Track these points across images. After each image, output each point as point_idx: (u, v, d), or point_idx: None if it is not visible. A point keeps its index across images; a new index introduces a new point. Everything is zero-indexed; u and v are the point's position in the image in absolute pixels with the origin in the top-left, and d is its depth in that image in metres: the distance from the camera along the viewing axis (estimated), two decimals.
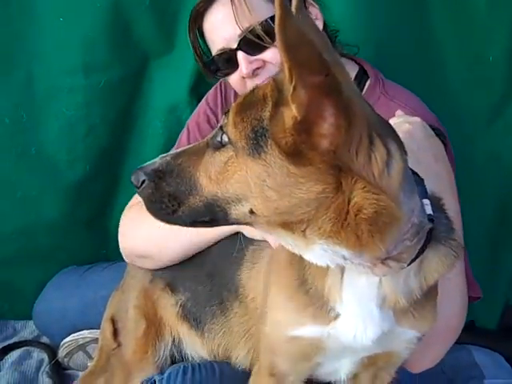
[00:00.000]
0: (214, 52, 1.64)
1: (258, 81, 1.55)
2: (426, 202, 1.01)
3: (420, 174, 1.08)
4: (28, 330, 2.29)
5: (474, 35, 2.10)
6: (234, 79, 1.65)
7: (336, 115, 0.85)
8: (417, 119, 1.30)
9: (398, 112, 1.41)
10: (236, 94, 1.79)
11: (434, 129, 1.34)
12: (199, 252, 1.56)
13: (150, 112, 2.21)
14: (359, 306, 1.07)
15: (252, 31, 1.53)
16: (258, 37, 1.52)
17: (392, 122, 1.30)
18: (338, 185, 0.89)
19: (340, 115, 0.85)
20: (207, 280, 1.54)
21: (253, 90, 0.98)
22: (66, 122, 2.13)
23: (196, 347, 1.59)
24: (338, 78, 0.83)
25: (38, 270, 2.25)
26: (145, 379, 1.52)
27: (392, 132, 0.98)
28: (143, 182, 1.02)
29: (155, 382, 1.48)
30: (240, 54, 1.57)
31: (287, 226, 0.95)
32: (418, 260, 1.01)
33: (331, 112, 0.85)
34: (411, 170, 1.04)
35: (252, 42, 1.54)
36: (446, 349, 1.42)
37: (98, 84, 2.11)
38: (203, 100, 1.92)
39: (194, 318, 1.57)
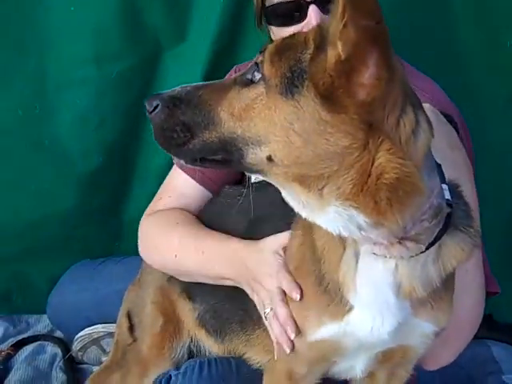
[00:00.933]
0: None
1: None
2: (445, 186, 0.99)
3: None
4: (42, 324, 2.28)
5: (491, 21, 2.06)
6: (290, 32, 1.55)
7: (379, 66, 0.83)
8: (428, 106, 1.24)
9: None
10: None
11: (445, 115, 1.29)
12: None
13: None
14: (374, 295, 1.04)
15: None
16: None
17: None
18: (365, 142, 0.86)
19: (383, 66, 0.83)
20: (226, 299, 1.50)
21: (293, 35, 0.95)
22: (79, 113, 2.11)
23: (213, 350, 1.57)
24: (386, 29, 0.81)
25: (51, 264, 2.24)
26: (161, 374, 1.50)
27: (421, 107, 0.95)
28: (156, 106, 0.97)
29: (171, 377, 1.46)
30: (313, 8, 1.47)
31: (304, 181, 0.91)
32: (436, 245, 0.98)
33: (375, 61, 0.82)
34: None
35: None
36: (464, 345, 1.39)
37: (110, 74, 2.08)
38: (228, 75, 1.82)
39: (213, 328, 1.55)
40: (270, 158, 0.91)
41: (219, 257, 1.40)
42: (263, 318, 1.30)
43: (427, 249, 0.97)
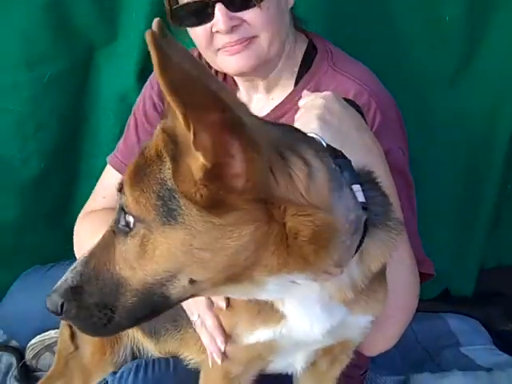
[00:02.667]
0: None
1: (229, 39, 1.47)
2: (357, 187, 0.96)
3: (347, 149, 1.02)
4: None
5: None
6: (200, 32, 1.51)
7: (244, 149, 0.77)
8: (328, 93, 1.24)
9: (305, 92, 1.35)
10: None
11: (347, 100, 1.28)
12: None
13: (101, 102, 2.15)
14: (302, 308, 1.03)
15: None
16: None
17: (303, 102, 1.26)
18: (269, 216, 0.83)
19: (248, 148, 0.78)
20: None
21: (142, 152, 0.87)
22: (14, 119, 2.07)
23: (152, 351, 1.58)
24: (234, 108, 0.75)
25: (1, 273, 2.21)
26: (102, 380, 1.50)
27: (302, 136, 0.91)
28: (62, 305, 0.91)
29: (107, 382, 1.46)
30: (219, 7, 1.44)
31: (233, 279, 0.88)
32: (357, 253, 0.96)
33: (239, 147, 0.77)
34: (336, 150, 0.98)
35: None
36: (401, 330, 1.37)
37: (43, 77, 2.04)
38: (147, 82, 1.82)
39: (148, 329, 1.54)
40: (192, 281, 0.87)
41: None
42: (192, 324, 1.29)
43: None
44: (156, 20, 0.92)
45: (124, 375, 1.43)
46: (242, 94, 1.67)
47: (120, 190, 0.89)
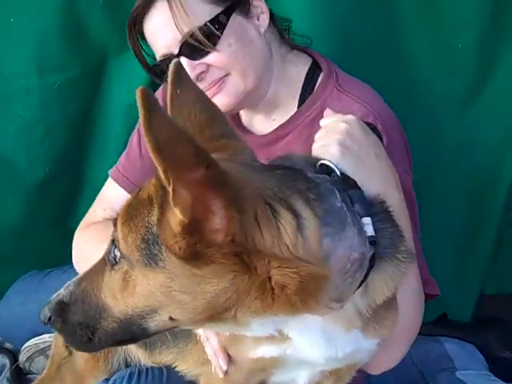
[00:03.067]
0: (158, 57, 1.58)
1: (202, 85, 1.50)
2: (367, 220, 0.96)
3: (364, 177, 1.04)
4: None
5: (441, 22, 2.03)
6: None
7: (226, 207, 0.78)
8: (351, 117, 1.24)
9: (327, 111, 1.34)
10: None
11: (368, 124, 1.28)
12: None
13: (110, 111, 2.17)
14: (305, 334, 1.03)
15: (192, 36, 1.46)
16: (199, 41, 1.46)
17: (325, 122, 1.26)
18: (250, 269, 0.83)
19: (230, 206, 0.79)
20: None
21: (137, 193, 0.90)
22: (23, 125, 2.10)
23: (144, 361, 1.58)
24: (220, 165, 0.76)
25: (2, 275, 2.23)
26: None
27: (301, 181, 0.91)
28: (50, 317, 0.99)
29: None
30: (182, 60, 1.49)
31: (216, 317, 0.89)
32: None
33: (220, 205, 0.78)
34: (350, 180, 1.00)
35: (193, 47, 1.47)
36: (405, 350, 1.38)
37: (54, 84, 2.07)
38: None
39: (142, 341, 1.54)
40: (171, 318, 0.89)
41: None
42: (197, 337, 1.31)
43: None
44: (175, 61, 0.98)
45: (117, 383, 1.43)
46: (243, 116, 1.68)
47: (114, 223, 0.92)
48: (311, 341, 1.04)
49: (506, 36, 2.03)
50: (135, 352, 1.58)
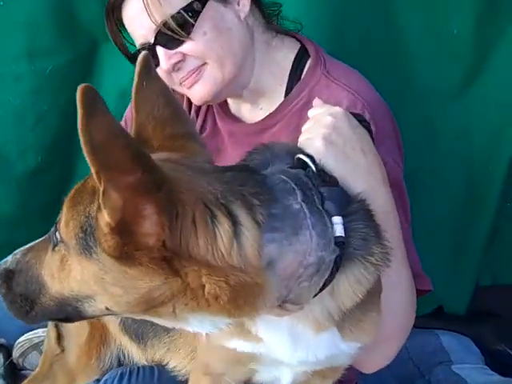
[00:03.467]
0: (137, 46, 1.54)
1: (180, 75, 1.47)
2: (337, 220, 0.92)
3: (349, 172, 1.03)
4: None
5: (436, 7, 1.99)
6: (160, 73, 1.51)
7: (158, 213, 0.76)
8: (339, 110, 1.20)
9: (316, 101, 1.29)
10: None
11: (356, 115, 1.24)
12: None
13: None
14: (272, 335, 1.02)
15: (166, 24, 1.42)
16: (173, 30, 1.42)
17: (313, 113, 1.22)
18: (180, 275, 0.81)
19: (162, 212, 0.77)
20: None
21: (86, 179, 0.88)
22: (13, 112, 2.05)
23: (137, 357, 1.56)
24: (160, 170, 0.75)
25: None
26: None
27: (240, 191, 0.87)
28: None
29: None
30: (158, 49, 1.46)
31: (152, 311, 0.87)
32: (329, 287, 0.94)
33: (152, 211, 0.76)
34: (326, 177, 0.97)
35: (168, 36, 1.43)
36: (397, 348, 1.35)
37: (45, 70, 2.03)
38: None
39: (135, 334, 1.53)
40: (107, 308, 0.88)
41: None
42: None
43: (315, 296, 0.93)
44: (143, 53, 0.96)
45: (108, 382, 1.42)
46: (231, 104, 1.64)
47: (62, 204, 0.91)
48: (279, 341, 1.03)
49: (501, 21, 2.00)
50: (129, 349, 1.56)
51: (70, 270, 0.87)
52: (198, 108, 1.67)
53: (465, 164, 2.16)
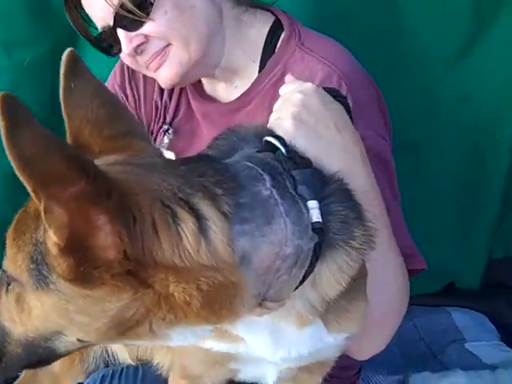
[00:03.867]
0: (99, 29, 1.47)
1: (144, 58, 1.41)
2: (313, 204, 0.84)
3: (323, 151, 0.96)
4: None
5: None
6: (124, 58, 1.48)
7: (111, 221, 0.69)
8: (309, 86, 1.11)
9: (288, 78, 1.21)
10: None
11: (331, 90, 1.15)
12: None
13: None
14: (253, 333, 0.95)
15: (123, 6, 1.34)
16: (130, 10, 1.34)
17: (284, 90, 1.14)
18: (149, 285, 0.74)
19: (115, 220, 0.69)
20: None
21: (26, 206, 0.80)
22: None
23: (122, 356, 1.50)
24: (106, 175, 0.68)
25: None
26: None
27: (199, 182, 0.79)
28: None
29: None
30: (119, 32, 1.39)
31: (129, 334, 0.80)
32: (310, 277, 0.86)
33: (104, 220, 0.69)
34: (298, 158, 0.90)
35: (127, 18, 1.36)
36: (391, 333, 1.26)
37: (23, 62, 1.97)
38: (112, 72, 1.73)
39: None
40: (79, 340, 0.81)
41: None
42: None
43: (295, 289, 0.86)
44: (68, 51, 0.89)
45: None
46: (205, 84, 1.58)
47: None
48: (260, 340, 0.96)
49: None
50: (112, 347, 1.50)
51: (29, 308, 0.79)
52: (171, 91, 1.60)
53: (469, 132, 2.09)
